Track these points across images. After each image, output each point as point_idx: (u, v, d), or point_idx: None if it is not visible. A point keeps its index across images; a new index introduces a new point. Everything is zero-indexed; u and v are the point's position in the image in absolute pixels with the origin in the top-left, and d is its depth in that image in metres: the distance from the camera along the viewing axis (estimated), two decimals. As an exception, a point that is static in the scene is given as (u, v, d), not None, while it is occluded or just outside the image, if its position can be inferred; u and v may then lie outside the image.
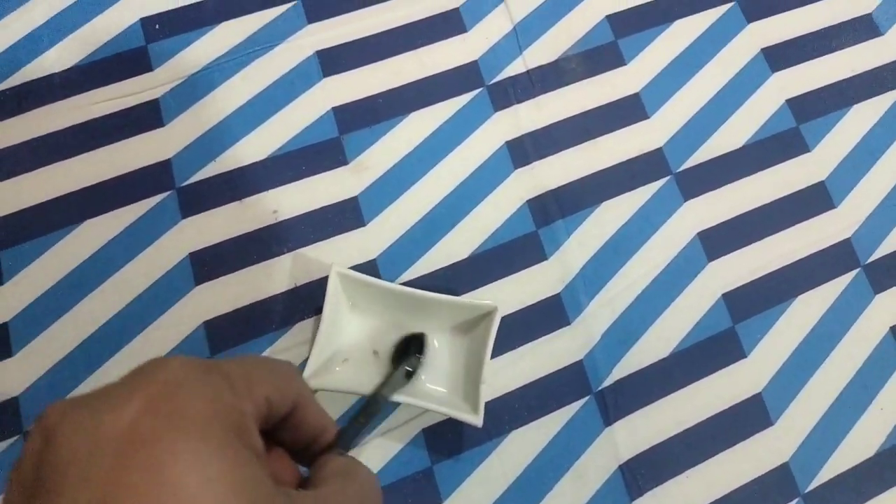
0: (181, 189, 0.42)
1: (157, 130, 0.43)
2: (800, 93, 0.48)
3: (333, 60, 0.45)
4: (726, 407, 0.41)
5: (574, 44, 0.47)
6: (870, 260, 0.45)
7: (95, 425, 0.16)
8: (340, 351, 0.39)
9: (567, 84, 0.46)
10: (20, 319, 0.39)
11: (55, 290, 0.40)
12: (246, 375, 0.19)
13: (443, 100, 0.45)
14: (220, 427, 0.17)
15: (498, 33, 0.47)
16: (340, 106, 0.44)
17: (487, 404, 0.39)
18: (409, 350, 0.38)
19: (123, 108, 0.43)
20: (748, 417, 0.41)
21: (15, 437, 0.37)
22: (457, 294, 0.41)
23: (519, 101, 0.45)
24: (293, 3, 0.46)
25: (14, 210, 0.41)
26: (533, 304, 0.42)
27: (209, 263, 0.40)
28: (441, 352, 0.40)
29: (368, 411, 0.31)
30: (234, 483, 0.16)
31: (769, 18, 0.49)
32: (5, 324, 0.39)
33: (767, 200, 0.45)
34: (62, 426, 0.16)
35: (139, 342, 0.39)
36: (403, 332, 0.39)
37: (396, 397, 0.36)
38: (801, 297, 0.43)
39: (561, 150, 0.45)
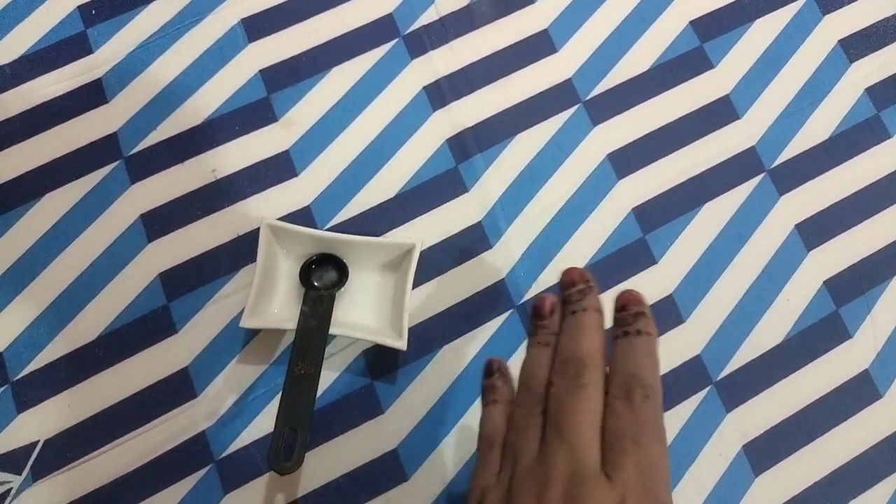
0: (128, 158, 0.46)
1: (103, 107, 0.47)
2: (702, 13, 0.50)
3: (257, 26, 0.48)
4: (639, 309, 0.44)
5: (484, -12, 0.50)
6: (774, 164, 0.48)
7: None
8: (277, 293, 0.43)
9: (479, 27, 0.49)
10: (-3, 287, 0.44)
11: (24, 258, 0.44)
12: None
13: (361, 53, 0.48)
14: None
15: (411, -15, 0.50)
16: (267, 68, 0.47)
17: (420, 325, 0.43)
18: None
19: (70, 89, 0.47)
20: (660, 317, 0.44)
21: (2, 388, 0.42)
22: (385, 232, 0.45)
23: (434, 48, 0.49)
24: (216, -24, 0.49)
25: (-19, 191, 0.45)
26: (457, 233, 0.45)
27: (159, 222, 0.45)
28: (371, 288, 0.44)
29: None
30: None
31: (671, -54, 0.51)
32: (-16, 292, 0.44)
33: (673, 118, 0.48)
34: None
35: (103, 296, 0.43)
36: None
37: (332, 330, 0.40)
38: (709, 205, 0.47)
39: (476, 90, 0.48)
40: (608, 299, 0.43)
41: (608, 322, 0.30)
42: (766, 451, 0.43)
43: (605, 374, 0.28)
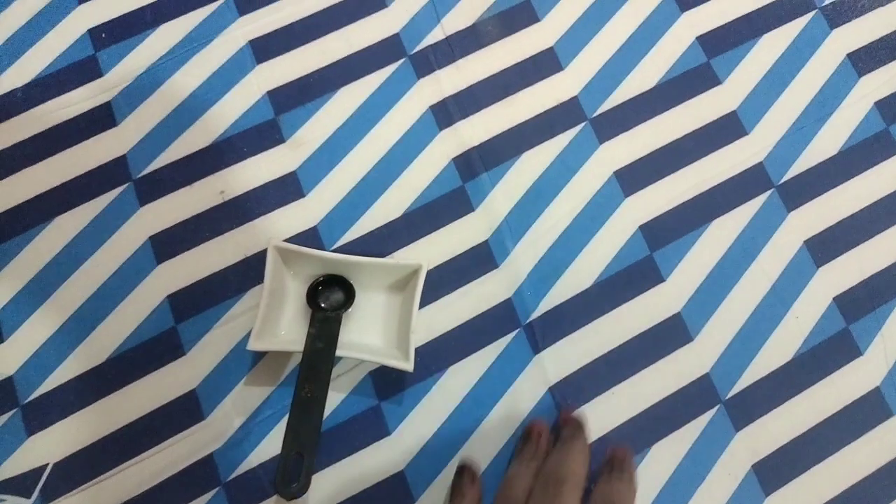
0: (137, 180, 0.46)
1: (112, 130, 0.47)
2: (709, 29, 0.50)
3: (265, 48, 0.49)
4: (647, 328, 0.44)
5: (490, 6, 0.50)
6: (782, 181, 0.47)
7: None
8: (284, 315, 0.43)
9: (485, 46, 0.49)
10: (7, 309, 0.44)
11: (35, 281, 0.44)
12: None
13: (368, 73, 0.48)
14: None
15: (416, 5, 0.50)
16: (274, 89, 0.48)
17: (426, 346, 0.43)
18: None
19: (80, 112, 0.47)
20: (668, 336, 0.44)
21: (12, 412, 0.42)
22: (392, 252, 0.45)
23: (440, 67, 0.49)
24: (224, -1, 0.49)
25: (-7, 214, 0.46)
26: (463, 253, 0.45)
27: (167, 244, 0.45)
28: (377, 309, 0.44)
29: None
30: None
31: (677, -39, 0.51)
32: (-4, 314, 0.44)
33: (680, 135, 0.48)
34: None
35: (112, 318, 0.44)
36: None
37: (339, 352, 0.40)
38: (716, 221, 0.46)
39: (482, 109, 0.48)
40: (616, 316, 0.44)
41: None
42: (776, 470, 0.42)
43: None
